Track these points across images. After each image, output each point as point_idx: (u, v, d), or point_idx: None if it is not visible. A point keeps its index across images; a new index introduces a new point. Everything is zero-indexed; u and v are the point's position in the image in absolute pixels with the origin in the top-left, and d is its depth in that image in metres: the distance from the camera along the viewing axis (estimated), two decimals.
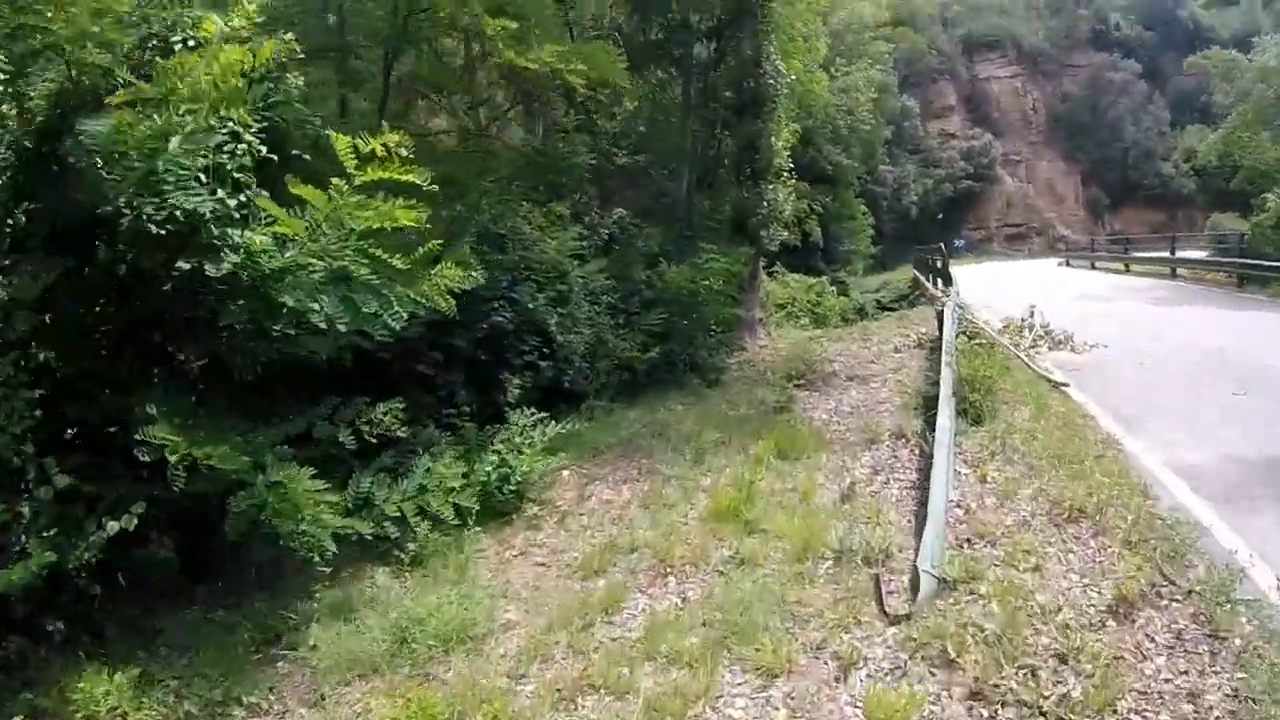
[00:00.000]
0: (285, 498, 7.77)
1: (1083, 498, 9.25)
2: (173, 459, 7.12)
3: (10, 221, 7.55)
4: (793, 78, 24.26)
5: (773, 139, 22.24)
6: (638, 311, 17.97)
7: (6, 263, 7.46)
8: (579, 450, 13.00)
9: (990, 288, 32.40)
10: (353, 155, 7.44)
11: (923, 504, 9.23)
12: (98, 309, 8.31)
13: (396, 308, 8.20)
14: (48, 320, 7.72)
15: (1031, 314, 19.74)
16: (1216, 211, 71.75)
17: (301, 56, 8.73)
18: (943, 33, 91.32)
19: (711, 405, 15.98)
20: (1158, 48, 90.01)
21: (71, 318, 8.00)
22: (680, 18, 21.45)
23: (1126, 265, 42.55)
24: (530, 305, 14.28)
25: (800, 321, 31.19)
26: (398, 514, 9.27)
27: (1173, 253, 39.00)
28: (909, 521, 9.55)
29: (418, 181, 7.60)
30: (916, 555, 8.00)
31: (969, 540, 8.79)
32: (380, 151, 7.41)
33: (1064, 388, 14.87)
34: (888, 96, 64.01)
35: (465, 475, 10.52)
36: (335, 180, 7.47)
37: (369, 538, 8.93)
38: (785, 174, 23.75)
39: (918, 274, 43.98)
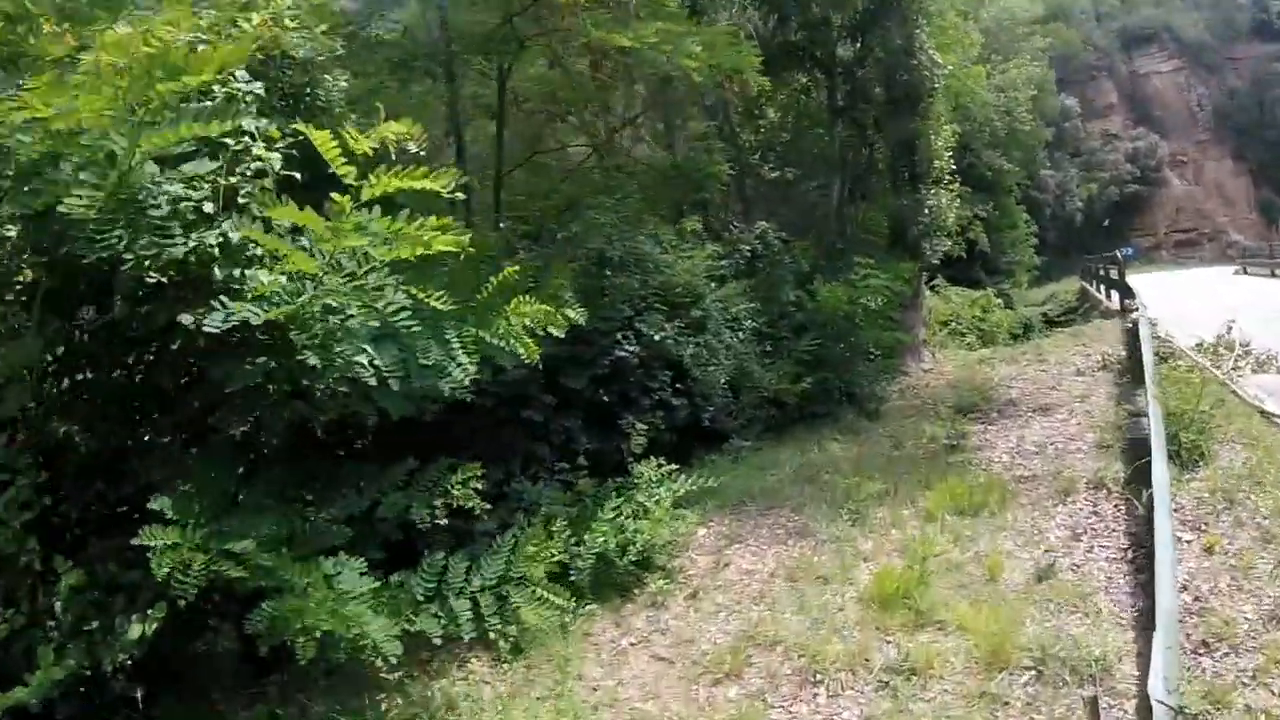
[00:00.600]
0: (324, 602, 5.98)
1: None
2: (159, 572, 5.44)
3: None
4: (949, 69, 21.82)
5: (931, 137, 20.04)
6: (786, 337, 16.01)
7: None
8: (719, 501, 11.03)
9: (1168, 299, 28.28)
10: (341, 157, 5.52)
11: (1141, 586, 7.50)
12: (116, 373, 6.94)
13: (462, 357, 6.31)
14: (62, 388, 6.69)
15: (1229, 330, 16.89)
16: None
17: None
18: (1097, 27, 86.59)
19: (872, 443, 13.92)
20: None
21: (92, 384, 6.89)
22: (820, 13, 19.44)
23: None
24: (658, 337, 12.50)
25: (965, 340, 28.76)
26: (471, 610, 7.35)
27: None
28: (1126, 613, 7.35)
29: (439, 190, 5.70)
30: (1145, 674, 5.85)
31: (1205, 644, 6.62)
32: (368, 150, 5.61)
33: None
34: (1046, 95, 60.51)
35: (578, 543, 8.65)
36: (335, 196, 5.52)
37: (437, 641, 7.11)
38: (947, 177, 21.41)
39: (1085, 285, 41.05)
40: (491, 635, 7.46)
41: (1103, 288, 34.15)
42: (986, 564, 8.46)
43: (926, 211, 19.48)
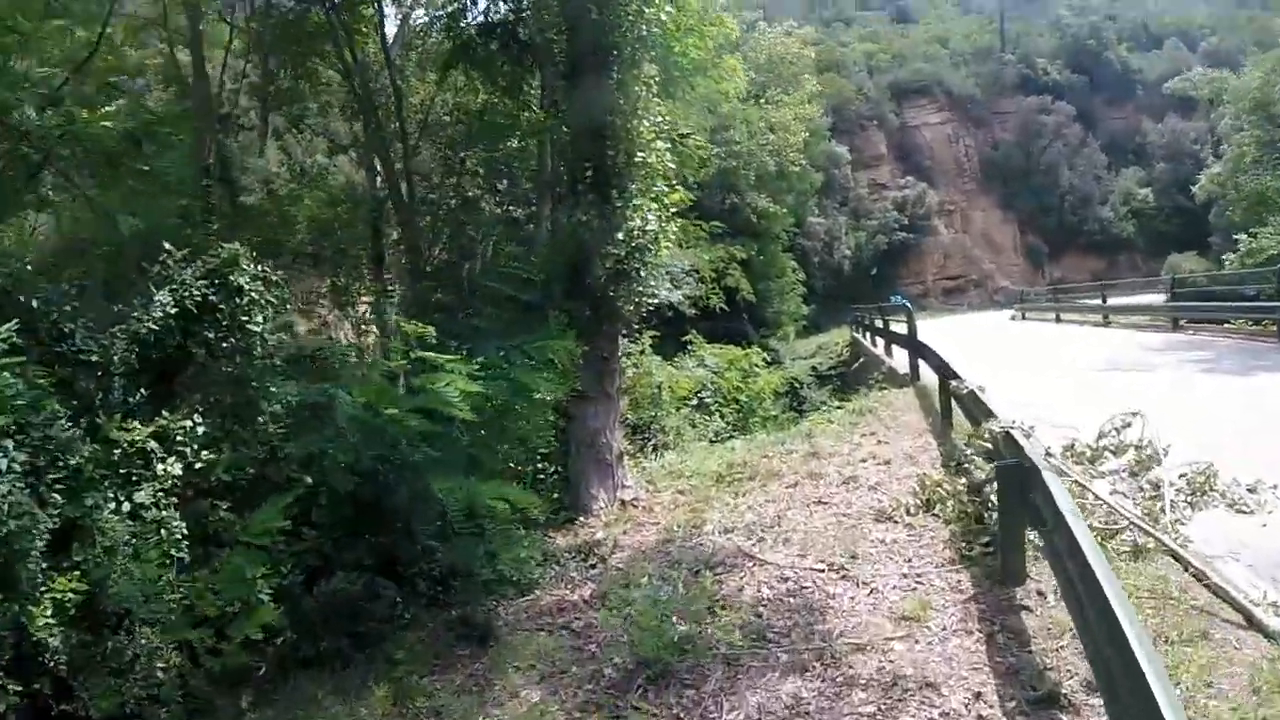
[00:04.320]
0: None
1: None
2: None
3: None
4: (666, 11, 12.41)
5: (638, 114, 11.33)
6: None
7: None
8: None
9: (968, 356, 19.34)
10: None
11: None
12: None
13: None
14: None
15: (1123, 428, 8.83)
16: (1153, 255, 69.28)
17: None
18: (869, 79, 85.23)
19: None
20: (1087, 92, 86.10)
21: None
22: None
23: (1106, 316, 32.81)
24: None
25: (714, 421, 20.76)
26: None
27: (1173, 297, 28.71)
28: None
29: None
30: None
31: None
32: None
33: None
34: (818, 139, 56.05)
35: None
36: None
37: None
38: (662, 184, 12.06)
39: (857, 337, 35.56)
40: None
41: (878, 341, 27.36)
42: None
43: (622, 236, 10.80)
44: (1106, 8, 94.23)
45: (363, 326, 16.03)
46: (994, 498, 8.28)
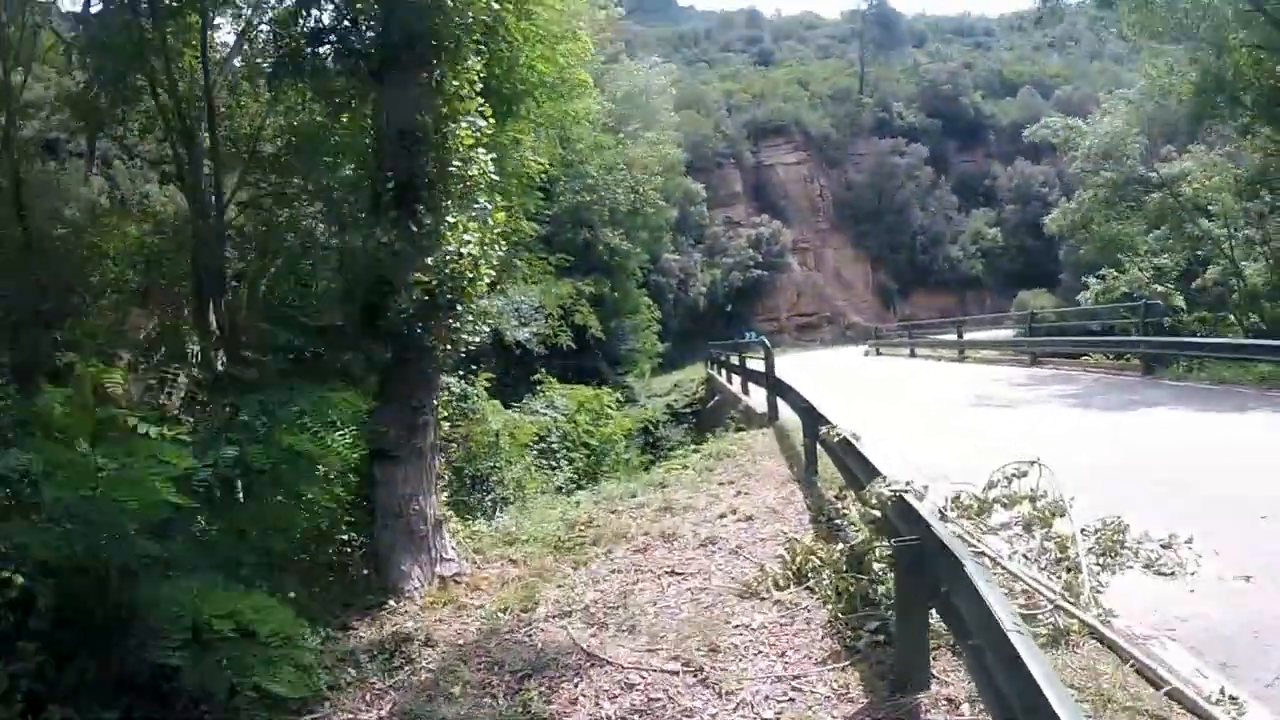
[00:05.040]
0: None
1: None
2: None
3: None
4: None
5: (456, 117, 9.28)
6: None
7: None
8: None
9: (828, 392, 16.95)
10: None
11: None
12: None
13: None
14: None
15: (1017, 477, 7.69)
16: (1001, 293, 72.06)
17: None
18: (727, 117, 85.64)
19: None
20: (940, 136, 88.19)
21: None
22: None
23: (961, 351, 32.25)
24: None
25: (561, 469, 18.98)
26: None
27: (1030, 332, 29.37)
28: None
29: None
30: None
31: None
32: None
33: None
34: (675, 176, 54.86)
35: None
36: None
37: None
38: (483, 203, 9.52)
39: (713, 375, 34.57)
40: None
41: (734, 378, 25.99)
42: None
43: (433, 261, 8.48)
44: (963, 55, 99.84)
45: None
46: (879, 569, 6.82)
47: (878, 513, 6.44)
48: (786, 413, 15.54)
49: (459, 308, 8.70)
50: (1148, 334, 20.78)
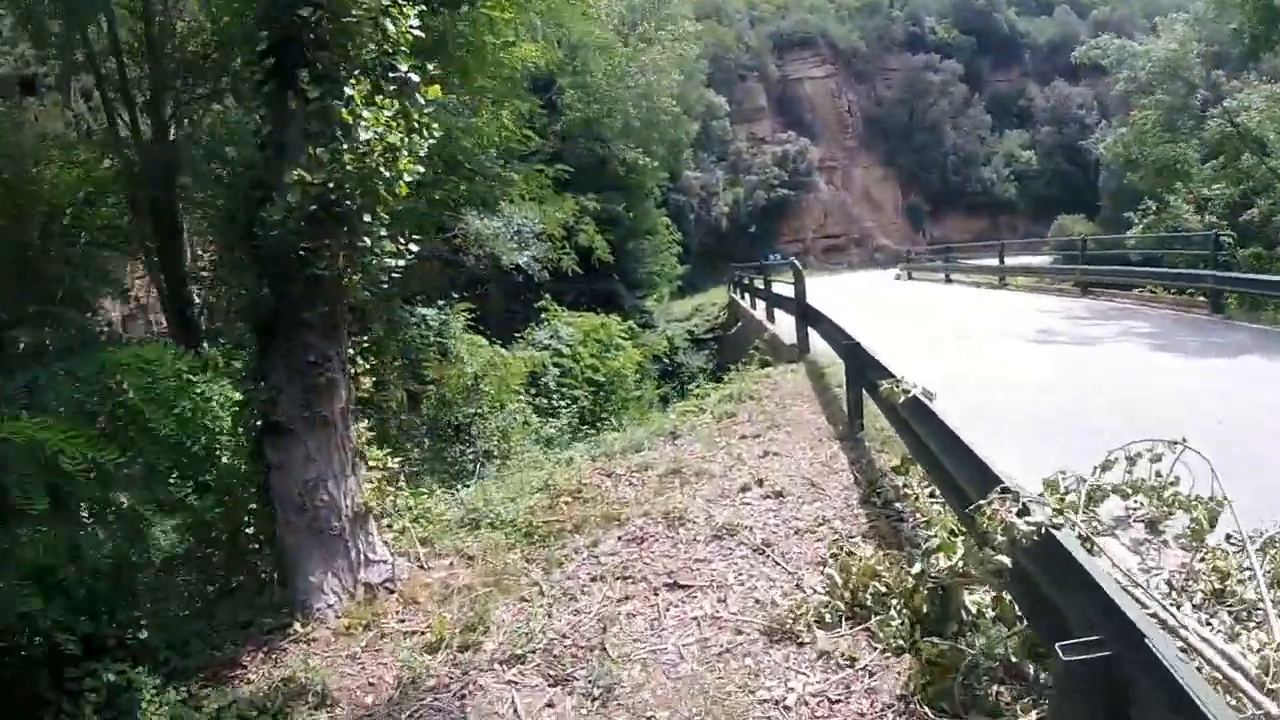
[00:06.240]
0: None
1: None
2: None
3: None
4: None
5: None
6: None
7: None
8: None
9: (872, 327, 14.19)
10: None
11: None
12: None
13: None
14: None
15: (1148, 460, 4.94)
16: (1035, 218, 67.80)
17: None
18: (750, 29, 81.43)
19: None
20: (974, 53, 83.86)
21: None
22: None
23: (1002, 277, 29.32)
24: None
25: (560, 413, 16.52)
26: None
27: (1079, 259, 26.07)
28: None
29: None
30: None
31: None
32: None
33: None
34: (694, 86, 51.45)
35: None
36: None
37: None
38: (411, 57, 6.47)
39: (736, 299, 32.30)
40: None
41: (758, 304, 23.82)
42: None
43: (325, 153, 5.72)
44: None
45: None
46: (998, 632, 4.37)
47: (1006, 560, 3.84)
48: (819, 345, 13.33)
49: (367, 219, 6.05)
50: (1216, 268, 18.54)
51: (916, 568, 5.03)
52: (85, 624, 5.62)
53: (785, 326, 16.86)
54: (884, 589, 5.38)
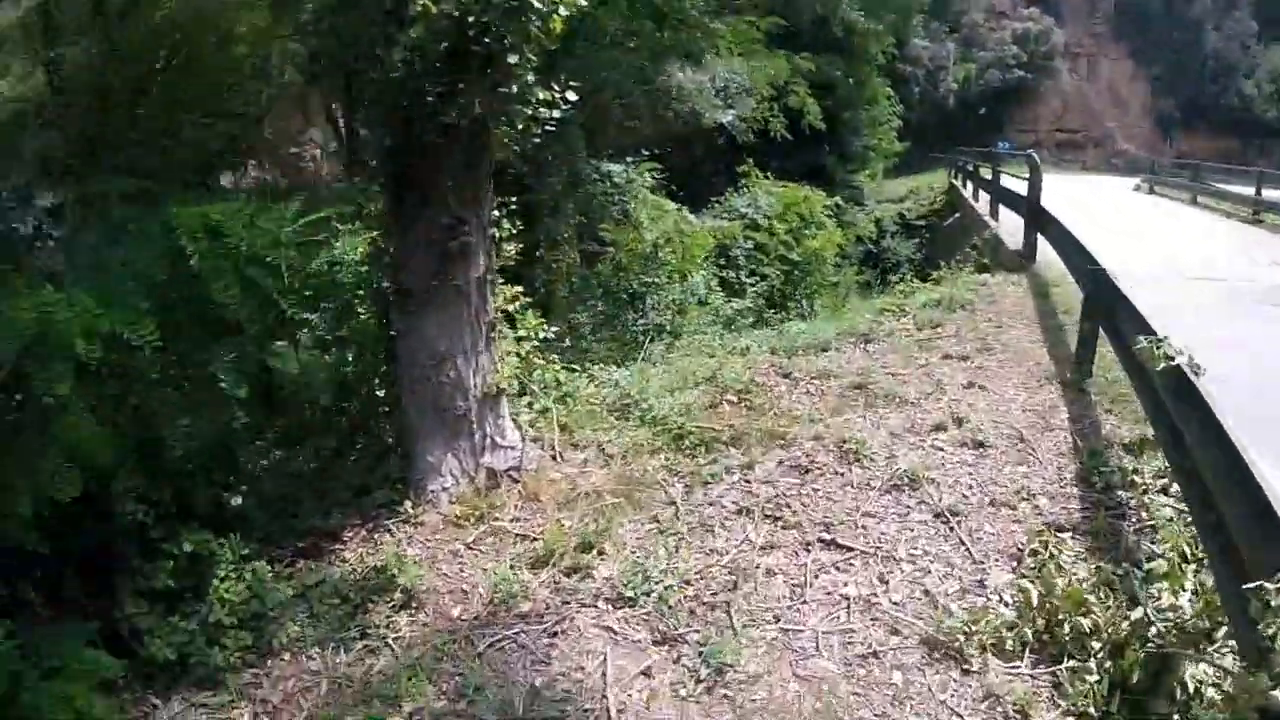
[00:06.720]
0: None
1: None
2: None
3: None
4: None
5: None
6: None
7: None
8: None
9: (1109, 246, 11.52)
10: None
11: None
12: None
13: None
14: None
15: None
16: None
17: None
18: None
19: None
20: None
21: None
22: None
23: (1256, 211, 22.77)
24: None
25: (744, 299, 15.43)
26: None
27: None
28: None
29: None
30: None
31: None
32: None
33: None
34: None
35: None
36: None
37: None
38: None
39: (958, 187, 30.31)
40: None
41: (982, 196, 22.29)
42: None
43: None
44: None
45: None
46: None
47: None
48: (1047, 254, 12.00)
49: (513, 60, 4.92)
50: None
51: (1136, 613, 3.91)
52: (165, 492, 5.13)
53: (1010, 226, 15.46)
54: (1088, 628, 4.30)
